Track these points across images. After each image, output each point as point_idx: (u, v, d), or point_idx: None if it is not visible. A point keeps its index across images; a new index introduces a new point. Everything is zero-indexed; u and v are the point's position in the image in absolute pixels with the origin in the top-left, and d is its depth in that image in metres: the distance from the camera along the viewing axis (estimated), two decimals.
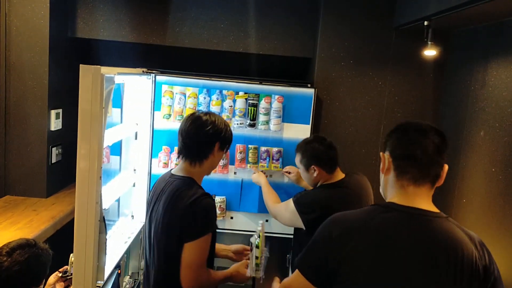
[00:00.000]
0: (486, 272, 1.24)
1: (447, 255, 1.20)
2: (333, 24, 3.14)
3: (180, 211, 1.78)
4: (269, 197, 2.65)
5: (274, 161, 3.00)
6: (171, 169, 2.03)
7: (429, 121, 3.15)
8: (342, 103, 3.19)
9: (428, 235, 1.23)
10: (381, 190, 1.43)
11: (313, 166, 2.30)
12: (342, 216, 1.33)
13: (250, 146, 2.99)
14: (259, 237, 2.06)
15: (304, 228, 2.26)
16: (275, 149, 3.00)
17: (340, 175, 2.35)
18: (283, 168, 2.98)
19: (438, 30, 2.73)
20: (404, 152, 1.32)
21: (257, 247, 2.02)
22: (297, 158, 2.40)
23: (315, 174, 2.31)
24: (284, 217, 2.41)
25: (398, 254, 1.21)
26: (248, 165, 2.98)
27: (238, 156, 2.98)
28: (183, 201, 1.79)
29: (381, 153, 1.39)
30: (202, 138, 1.88)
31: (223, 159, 2.93)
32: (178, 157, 1.96)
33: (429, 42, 2.61)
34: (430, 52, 2.70)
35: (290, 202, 2.31)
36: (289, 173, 2.89)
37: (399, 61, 3.16)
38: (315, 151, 2.31)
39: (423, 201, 1.29)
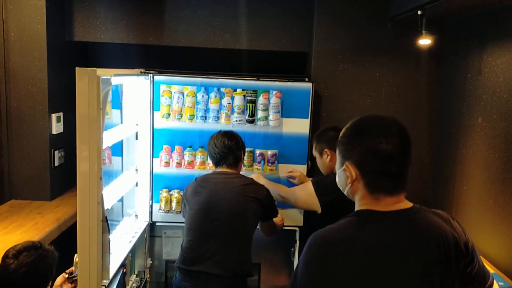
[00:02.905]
0: (466, 247, 1.26)
1: (437, 250, 1.21)
2: (328, 17, 3.15)
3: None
4: (277, 187, 2.71)
5: (269, 164, 3.02)
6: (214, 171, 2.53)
7: (426, 110, 3.20)
8: (340, 96, 3.20)
9: (415, 236, 1.21)
10: (343, 190, 1.35)
11: (325, 150, 2.40)
12: (321, 235, 1.25)
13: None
14: None
15: (318, 211, 2.33)
16: (270, 152, 3.01)
17: None
18: (277, 170, 3.01)
19: (433, 19, 2.73)
20: (376, 169, 1.23)
21: None
22: (313, 147, 2.52)
23: (328, 159, 2.40)
24: (300, 198, 2.50)
25: (390, 263, 1.18)
26: (243, 168, 2.99)
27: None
28: (263, 191, 2.42)
29: (345, 165, 1.27)
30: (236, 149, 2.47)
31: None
32: (217, 166, 2.49)
33: (424, 31, 2.61)
34: (425, 41, 2.70)
35: (309, 184, 2.41)
36: (293, 178, 2.93)
37: (395, 52, 3.17)
38: (328, 136, 2.41)
39: (400, 203, 1.26)
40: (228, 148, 2.44)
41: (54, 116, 3.03)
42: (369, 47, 3.16)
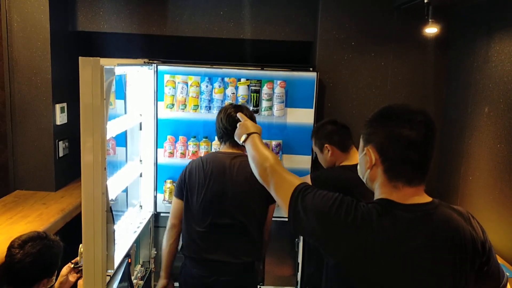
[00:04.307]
0: (483, 247, 1.24)
1: (451, 247, 1.20)
2: (333, 6, 3.12)
3: None
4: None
5: None
6: (216, 150, 2.40)
7: (433, 99, 3.17)
8: (345, 86, 3.18)
9: (432, 231, 1.20)
10: (363, 178, 1.34)
11: (326, 145, 2.35)
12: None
13: None
14: None
15: None
16: (274, 143, 3.00)
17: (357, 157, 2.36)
18: (282, 160, 2.98)
19: (439, 7, 2.69)
20: (397, 155, 1.21)
21: None
22: (313, 143, 2.45)
23: (329, 154, 2.34)
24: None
25: (406, 257, 1.18)
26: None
27: None
28: None
29: (366, 148, 1.27)
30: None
31: None
32: (220, 142, 2.34)
33: (430, 20, 2.58)
34: (431, 30, 2.67)
35: (308, 178, 2.34)
36: None
37: (401, 41, 3.13)
38: (327, 130, 2.36)
39: (420, 196, 1.24)
40: (234, 128, 2.26)
41: (58, 107, 3.03)
42: (374, 36, 3.13)
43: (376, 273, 1.18)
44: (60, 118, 3.06)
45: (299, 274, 3.20)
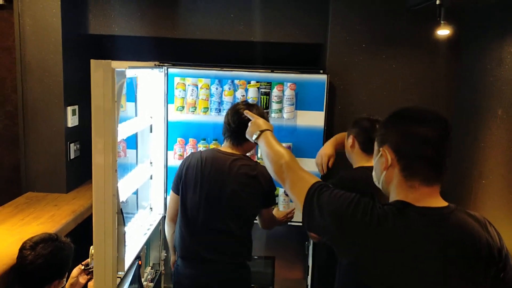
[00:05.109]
0: (500, 254, 1.23)
1: (468, 252, 1.18)
2: (343, 8, 3.10)
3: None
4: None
5: None
6: (216, 148, 2.37)
7: (444, 102, 3.13)
8: (355, 88, 3.15)
9: (447, 236, 1.18)
10: (378, 182, 1.33)
11: (351, 135, 2.25)
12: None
13: None
14: None
15: None
16: (284, 145, 2.96)
17: None
18: None
19: (451, 8, 2.66)
20: (413, 152, 1.20)
21: None
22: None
23: (350, 145, 2.24)
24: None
25: (418, 261, 1.17)
26: (258, 160, 2.97)
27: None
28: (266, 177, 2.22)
29: (381, 148, 1.26)
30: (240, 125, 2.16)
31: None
32: (224, 138, 2.31)
33: (442, 22, 2.55)
34: (443, 32, 2.64)
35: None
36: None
37: (412, 43, 3.10)
38: (360, 123, 2.24)
39: (436, 198, 1.23)
40: (238, 125, 2.19)
41: (69, 109, 3.05)
42: (385, 38, 3.11)
43: (388, 275, 1.17)
44: (72, 120, 3.08)
45: (309, 277, 3.18)
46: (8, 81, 3.30)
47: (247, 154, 2.35)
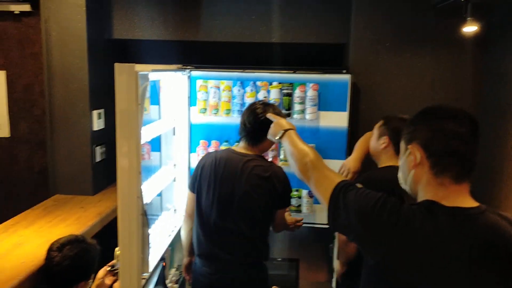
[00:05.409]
0: None
1: (498, 253, 1.14)
2: (366, 7, 3.06)
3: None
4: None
5: None
6: (231, 148, 2.37)
7: (472, 100, 3.05)
8: (379, 88, 3.10)
9: (476, 237, 1.15)
10: (405, 183, 1.30)
11: (385, 136, 2.19)
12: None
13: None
14: None
15: None
16: None
17: None
18: None
19: (478, 4, 2.59)
20: (443, 148, 1.19)
21: None
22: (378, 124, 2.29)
23: (383, 146, 2.19)
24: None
25: (446, 262, 1.14)
26: (281, 162, 2.95)
27: (269, 153, 2.95)
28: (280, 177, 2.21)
29: (409, 146, 1.24)
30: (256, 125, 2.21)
31: (271, 150, 2.93)
32: (241, 138, 2.31)
33: (469, 18, 2.49)
34: (470, 29, 2.57)
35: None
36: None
37: (438, 41, 3.03)
38: (394, 124, 2.16)
39: (465, 198, 1.21)
40: (253, 125, 2.22)
41: (95, 113, 3.10)
42: (410, 36, 3.04)
43: (415, 276, 1.15)
44: (97, 124, 3.14)
45: (333, 280, 3.14)
46: (35, 86, 3.38)
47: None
